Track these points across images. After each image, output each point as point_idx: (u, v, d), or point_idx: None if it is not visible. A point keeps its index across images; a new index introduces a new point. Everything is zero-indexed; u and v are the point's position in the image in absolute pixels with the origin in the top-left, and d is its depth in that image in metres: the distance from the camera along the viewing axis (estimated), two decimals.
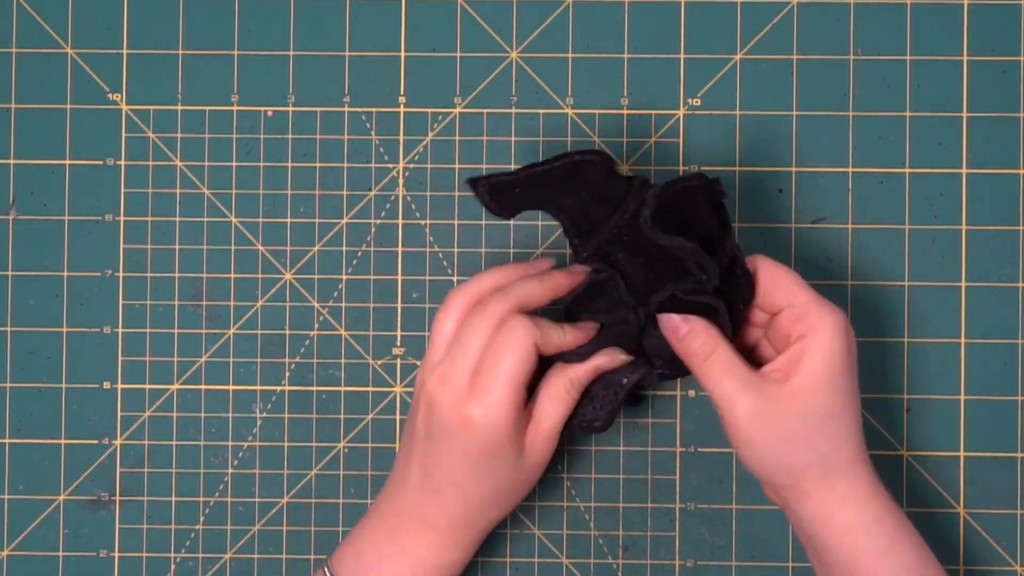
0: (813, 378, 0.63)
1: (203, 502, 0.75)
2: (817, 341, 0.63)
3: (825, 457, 0.64)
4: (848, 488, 0.64)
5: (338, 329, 0.75)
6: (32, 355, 0.75)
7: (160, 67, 0.75)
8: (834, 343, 0.63)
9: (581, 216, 0.67)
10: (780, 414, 0.63)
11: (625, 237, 0.66)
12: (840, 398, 0.63)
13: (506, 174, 0.65)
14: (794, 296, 0.64)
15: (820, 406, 0.63)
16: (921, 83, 0.75)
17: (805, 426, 0.63)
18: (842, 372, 0.63)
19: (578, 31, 0.75)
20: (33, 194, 0.75)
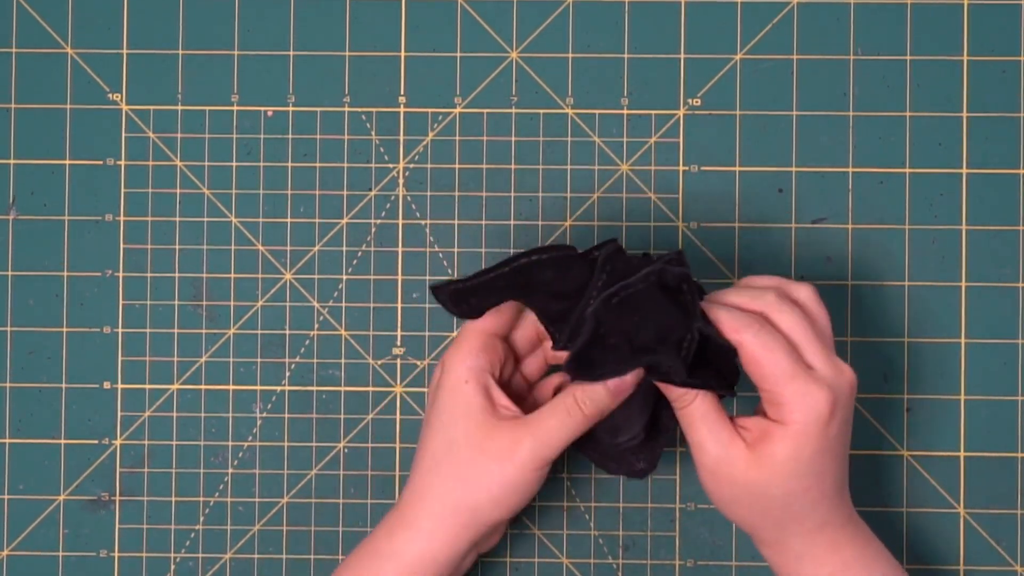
0: (775, 462, 0.63)
1: (203, 502, 0.75)
2: (785, 431, 0.63)
3: (776, 524, 0.65)
4: (803, 548, 0.65)
5: (338, 329, 0.75)
6: (32, 355, 0.75)
7: (160, 67, 0.75)
8: (802, 437, 0.63)
9: (547, 309, 0.66)
10: (738, 477, 0.63)
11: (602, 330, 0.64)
12: (801, 482, 0.63)
13: (464, 280, 0.65)
14: (771, 383, 0.63)
15: (779, 485, 0.63)
16: (921, 83, 0.75)
17: (760, 497, 0.64)
18: (808, 462, 0.63)
19: (578, 31, 0.75)
20: (33, 194, 0.75)
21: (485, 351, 0.66)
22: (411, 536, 0.65)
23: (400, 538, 0.65)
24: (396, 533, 0.66)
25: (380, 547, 0.66)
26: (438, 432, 0.66)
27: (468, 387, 0.65)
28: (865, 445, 0.74)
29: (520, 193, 0.75)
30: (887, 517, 0.73)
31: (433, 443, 0.66)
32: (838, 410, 0.63)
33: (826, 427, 0.63)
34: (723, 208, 0.74)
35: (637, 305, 0.64)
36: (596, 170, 0.75)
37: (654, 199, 0.75)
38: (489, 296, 0.66)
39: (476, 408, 0.65)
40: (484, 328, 0.66)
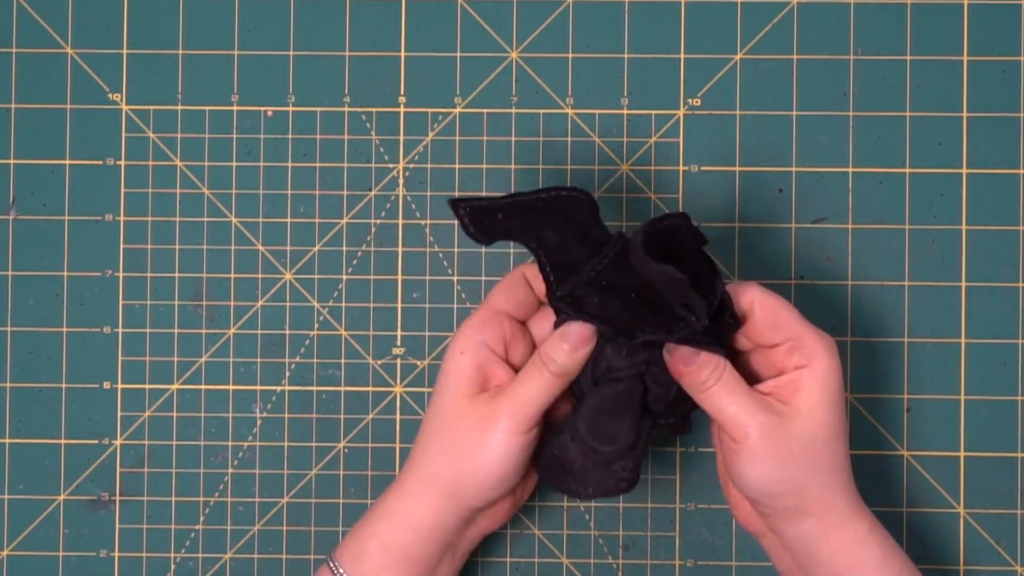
0: (814, 401, 0.64)
1: (203, 502, 0.75)
2: (815, 369, 0.64)
3: (827, 475, 0.65)
4: (847, 505, 0.65)
5: (338, 329, 0.75)
6: (32, 355, 0.75)
7: (160, 67, 0.75)
8: (829, 372, 0.65)
9: (559, 252, 0.65)
10: (787, 433, 0.64)
11: (603, 281, 0.65)
12: (838, 420, 0.65)
13: (489, 199, 0.64)
14: (792, 330, 0.65)
15: (821, 427, 0.64)
16: (921, 83, 0.75)
17: (809, 446, 0.64)
18: (836, 397, 0.65)
19: (578, 31, 0.75)
20: (33, 194, 0.75)
21: (488, 325, 0.66)
22: (401, 496, 0.66)
23: (392, 497, 0.67)
24: (389, 493, 0.67)
25: (376, 505, 0.67)
26: (433, 400, 0.67)
27: (463, 358, 0.66)
28: (865, 445, 0.74)
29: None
30: (887, 517, 0.73)
31: (429, 411, 0.67)
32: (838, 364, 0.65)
33: (838, 373, 0.65)
34: (723, 208, 0.74)
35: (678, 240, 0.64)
36: (596, 170, 0.75)
37: (654, 199, 0.75)
38: (513, 219, 0.64)
39: (464, 379, 0.66)
40: (494, 304, 0.67)
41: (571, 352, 0.65)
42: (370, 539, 0.67)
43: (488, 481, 0.65)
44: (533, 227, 0.65)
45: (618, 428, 0.65)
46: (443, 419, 0.66)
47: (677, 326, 0.64)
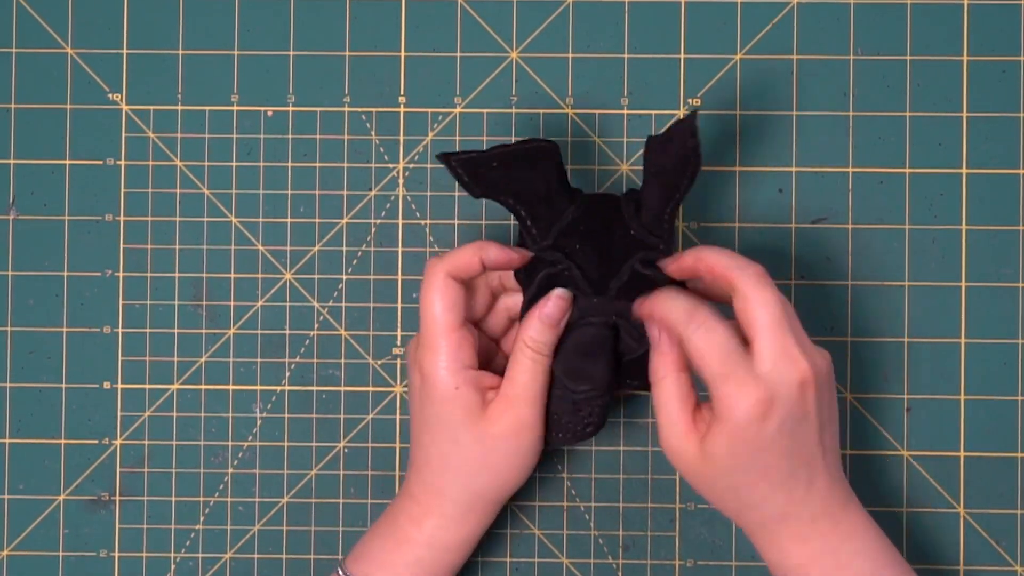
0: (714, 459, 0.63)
1: (203, 502, 0.75)
2: (720, 428, 0.63)
3: (734, 512, 0.65)
4: (765, 538, 0.65)
5: (338, 329, 0.75)
6: (32, 355, 0.75)
7: (160, 67, 0.75)
8: (736, 434, 0.62)
9: (544, 205, 0.67)
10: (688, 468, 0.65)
11: (581, 227, 0.67)
12: (745, 476, 0.63)
13: (479, 151, 0.66)
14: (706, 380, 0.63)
15: (721, 479, 0.64)
16: (921, 83, 0.75)
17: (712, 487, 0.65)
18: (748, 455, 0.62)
19: (578, 31, 0.75)
20: (33, 194, 0.75)
21: (462, 348, 0.66)
22: (441, 524, 0.67)
23: (428, 526, 0.67)
24: (423, 522, 0.67)
25: (409, 533, 0.67)
26: (441, 434, 0.66)
27: (461, 392, 0.66)
28: (865, 445, 0.74)
29: None
30: (887, 517, 0.73)
31: (438, 445, 0.67)
32: (776, 408, 0.62)
33: (759, 425, 0.62)
34: (723, 208, 0.74)
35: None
36: (596, 170, 0.75)
37: None
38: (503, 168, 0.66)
39: (473, 407, 0.66)
40: (451, 324, 0.66)
41: (553, 329, 0.66)
42: (410, 566, 0.67)
43: (524, 480, 0.68)
44: (522, 176, 0.66)
45: (594, 368, 0.66)
46: (466, 447, 0.66)
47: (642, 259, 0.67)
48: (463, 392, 0.66)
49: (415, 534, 0.67)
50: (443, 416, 0.66)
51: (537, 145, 0.67)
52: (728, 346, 0.62)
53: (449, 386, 0.66)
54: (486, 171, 0.66)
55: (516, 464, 0.67)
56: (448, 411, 0.66)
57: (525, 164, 0.66)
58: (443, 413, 0.66)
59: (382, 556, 0.68)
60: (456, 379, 0.66)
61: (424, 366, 0.66)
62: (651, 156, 0.67)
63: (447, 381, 0.66)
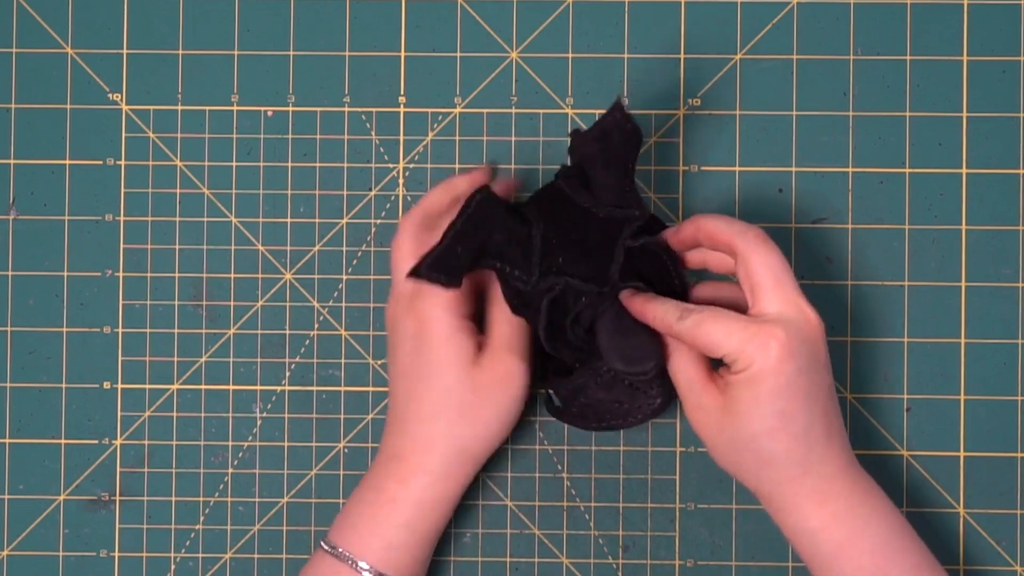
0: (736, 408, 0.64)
1: (203, 502, 0.75)
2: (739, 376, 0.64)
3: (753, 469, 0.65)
4: (784, 498, 0.65)
5: (338, 329, 0.75)
6: (32, 355, 0.75)
7: (160, 67, 0.75)
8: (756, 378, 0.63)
9: (514, 246, 0.67)
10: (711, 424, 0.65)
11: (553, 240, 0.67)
12: (766, 423, 0.63)
13: (437, 247, 0.65)
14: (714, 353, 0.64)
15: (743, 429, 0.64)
16: (921, 83, 0.75)
17: (733, 442, 0.65)
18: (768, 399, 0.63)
19: (578, 31, 0.75)
20: (33, 194, 0.75)
21: (461, 294, 0.67)
22: (428, 482, 0.67)
23: (416, 484, 0.67)
24: (410, 480, 0.67)
25: (395, 495, 0.67)
26: (432, 381, 0.67)
27: (459, 336, 0.67)
28: (865, 445, 0.74)
29: (520, 193, 0.75)
30: None
31: (430, 393, 0.67)
32: (795, 349, 0.63)
33: (780, 366, 0.62)
34: (723, 208, 0.74)
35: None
36: None
37: (654, 199, 0.75)
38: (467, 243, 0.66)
39: (469, 352, 0.67)
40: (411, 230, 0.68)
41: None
42: (399, 529, 0.67)
43: (506, 434, 0.69)
44: (486, 241, 0.66)
45: (641, 344, 0.66)
46: (454, 396, 0.67)
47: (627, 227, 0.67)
48: (461, 337, 0.67)
49: (402, 493, 0.67)
50: (440, 360, 0.67)
51: (476, 203, 0.65)
52: (732, 316, 0.64)
53: (451, 327, 0.67)
54: (456, 260, 0.65)
55: (501, 415, 0.68)
56: (446, 354, 0.67)
57: (479, 228, 0.66)
58: (441, 357, 0.67)
59: (370, 523, 0.67)
60: (456, 322, 0.67)
61: (424, 310, 0.67)
62: (585, 148, 0.67)
63: (448, 323, 0.67)
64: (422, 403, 0.67)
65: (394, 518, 0.67)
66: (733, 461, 0.66)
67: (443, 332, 0.67)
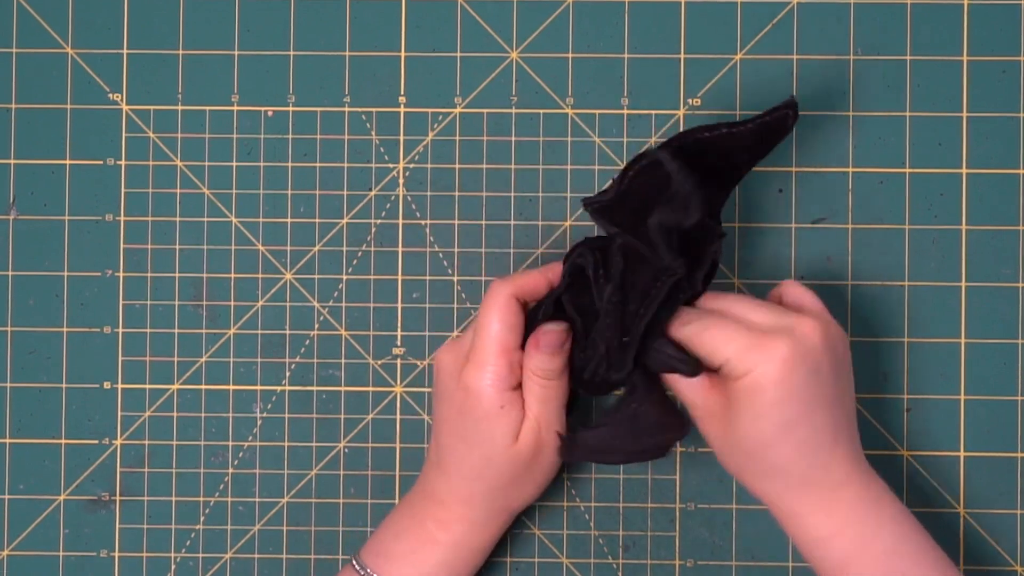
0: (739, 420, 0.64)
1: (203, 502, 0.75)
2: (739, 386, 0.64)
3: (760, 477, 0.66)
4: (791, 507, 0.65)
5: (338, 329, 0.75)
6: (32, 355, 0.75)
7: (160, 67, 0.75)
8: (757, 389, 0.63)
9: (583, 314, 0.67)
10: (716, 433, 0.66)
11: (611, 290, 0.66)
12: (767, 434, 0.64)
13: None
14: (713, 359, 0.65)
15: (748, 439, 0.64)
16: (921, 83, 0.75)
17: (738, 451, 0.65)
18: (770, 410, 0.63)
19: (578, 31, 0.75)
20: (33, 194, 0.75)
21: (512, 369, 0.66)
22: (468, 529, 0.68)
23: (456, 530, 0.68)
24: (452, 526, 0.68)
25: (436, 537, 0.68)
26: (478, 449, 0.67)
27: (504, 412, 0.66)
28: (865, 445, 0.74)
29: (520, 193, 0.75)
30: None
31: (471, 457, 0.67)
32: (798, 360, 0.63)
33: (782, 377, 0.63)
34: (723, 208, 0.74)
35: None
36: (596, 170, 0.75)
37: None
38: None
39: (513, 427, 0.67)
40: (506, 345, 0.66)
41: (554, 356, 0.66)
42: (437, 567, 0.68)
43: (523, 503, 0.70)
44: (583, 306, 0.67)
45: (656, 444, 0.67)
46: (497, 467, 0.67)
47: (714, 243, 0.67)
48: (506, 412, 0.66)
49: (442, 537, 0.68)
50: (483, 433, 0.66)
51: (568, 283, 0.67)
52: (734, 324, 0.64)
53: (495, 405, 0.66)
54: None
55: (539, 480, 0.69)
56: (489, 430, 0.66)
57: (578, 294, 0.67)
58: (484, 431, 0.66)
59: (409, 556, 0.68)
60: (502, 399, 0.66)
61: (471, 383, 0.66)
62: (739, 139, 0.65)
63: (493, 400, 0.66)
64: (464, 462, 0.68)
65: (433, 557, 0.68)
66: (739, 468, 0.66)
67: (489, 410, 0.66)
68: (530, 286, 0.67)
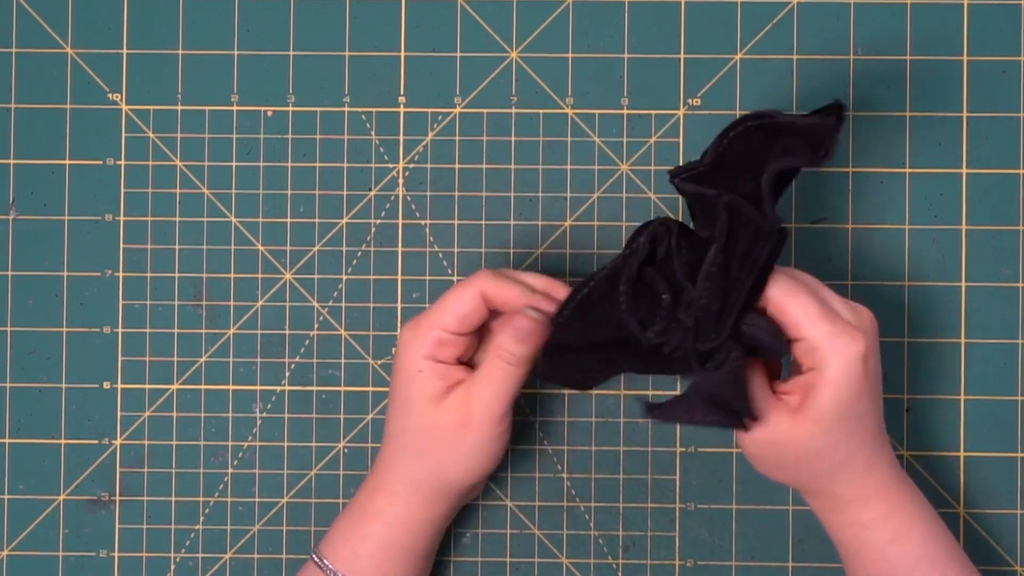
0: (818, 415, 0.64)
1: (203, 502, 0.75)
2: (826, 378, 0.63)
3: (825, 474, 0.65)
4: (852, 492, 0.66)
5: (338, 329, 0.75)
6: (32, 355, 0.75)
7: (160, 67, 0.75)
8: (843, 380, 0.63)
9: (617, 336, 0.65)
10: (781, 444, 0.65)
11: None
12: (846, 426, 0.64)
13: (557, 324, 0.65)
14: (803, 330, 0.63)
15: (822, 436, 0.64)
16: (921, 83, 0.75)
17: (806, 455, 0.65)
18: (850, 404, 0.64)
19: (578, 31, 0.75)
20: (33, 194, 0.75)
21: (442, 346, 0.66)
22: (391, 500, 0.68)
23: (382, 500, 0.68)
24: (377, 496, 0.68)
25: (364, 506, 0.68)
26: (396, 414, 0.67)
27: (422, 376, 0.66)
28: None
29: (520, 193, 0.75)
30: None
31: (394, 424, 0.68)
32: (871, 355, 0.64)
33: (864, 366, 0.63)
34: None
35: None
36: (596, 170, 0.75)
37: (654, 199, 0.75)
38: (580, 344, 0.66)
39: (429, 393, 0.66)
40: (446, 326, 0.66)
41: (516, 343, 0.66)
42: (364, 540, 0.68)
43: (472, 478, 0.68)
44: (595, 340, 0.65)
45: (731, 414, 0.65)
46: (415, 428, 0.67)
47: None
48: (424, 376, 0.66)
49: (369, 506, 0.68)
50: (400, 393, 0.67)
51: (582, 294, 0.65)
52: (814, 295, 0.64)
53: (413, 367, 0.66)
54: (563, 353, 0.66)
55: (457, 459, 0.67)
56: (406, 391, 0.67)
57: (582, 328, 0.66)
58: (402, 391, 0.67)
59: (344, 531, 0.68)
60: (422, 364, 0.66)
61: (402, 340, 0.67)
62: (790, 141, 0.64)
63: (413, 362, 0.66)
64: (388, 427, 0.68)
65: (361, 528, 0.68)
66: (798, 472, 0.66)
67: (409, 371, 0.66)
68: (504, 297, 0.66)
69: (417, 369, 0.66)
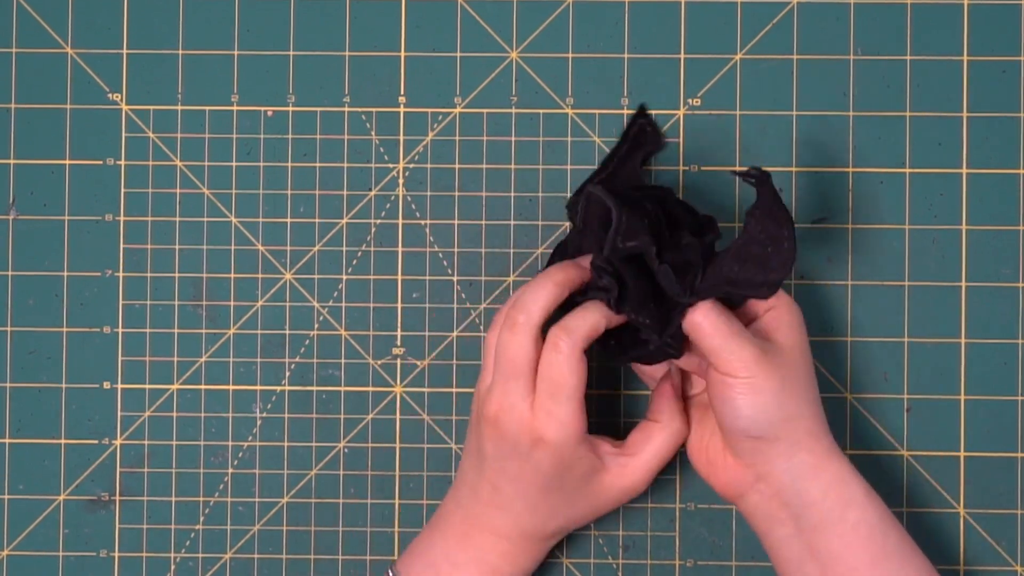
0: (793, 337, 0.67)
1: (203, 502, 0.75)
2: (786, 308, 0.67)
3: (812, 406, 0.67)
4: (830, 441, 0.67)
5: (338, 329, 0.75)
6: (32, 355, 0.75)
7: (160, 67, 0.75)
8: (797, 312, 0.68)
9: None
10: (777, 363, 0.65)
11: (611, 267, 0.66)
12: (809, 357, 0.68)
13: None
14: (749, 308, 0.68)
15: (802, 360, 0.67)
16: (921, 83, 0.75)
17: (796, 378, 0.66)
18: (806, 336, 0.68)
19: (578, 31, 0.75)
20: (33, 194, 0.75)
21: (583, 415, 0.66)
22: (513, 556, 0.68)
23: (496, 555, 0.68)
24: (518, 558, 0.68)
25: (502, 569, 0.68)
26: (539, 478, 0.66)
27: (582, 448, 0.66)
28: (865, 445, 0.74)
29: (520, 193, 0.75)
30: None
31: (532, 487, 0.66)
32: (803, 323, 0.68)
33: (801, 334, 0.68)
34: (723, 208, 0.74)
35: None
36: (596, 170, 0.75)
37: None
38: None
39: (588, 464, 0.66)
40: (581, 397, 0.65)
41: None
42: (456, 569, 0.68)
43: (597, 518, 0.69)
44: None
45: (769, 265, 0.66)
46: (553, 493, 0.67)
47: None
48: (583, 449, 0.66)
49: (506, 569, 0.68)
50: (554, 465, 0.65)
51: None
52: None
53: (571, 440, 0.65)
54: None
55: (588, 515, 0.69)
56: (559, 461, 0.65)
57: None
58: (555, 463, 0.65)
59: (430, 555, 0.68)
60: (579, 437, 0.65)
61: (546, 433, 0.65)
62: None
63: (569, 435, 0.65)
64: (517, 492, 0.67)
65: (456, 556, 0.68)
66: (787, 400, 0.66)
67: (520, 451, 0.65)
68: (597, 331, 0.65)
69: (575, 442, 0.65)
